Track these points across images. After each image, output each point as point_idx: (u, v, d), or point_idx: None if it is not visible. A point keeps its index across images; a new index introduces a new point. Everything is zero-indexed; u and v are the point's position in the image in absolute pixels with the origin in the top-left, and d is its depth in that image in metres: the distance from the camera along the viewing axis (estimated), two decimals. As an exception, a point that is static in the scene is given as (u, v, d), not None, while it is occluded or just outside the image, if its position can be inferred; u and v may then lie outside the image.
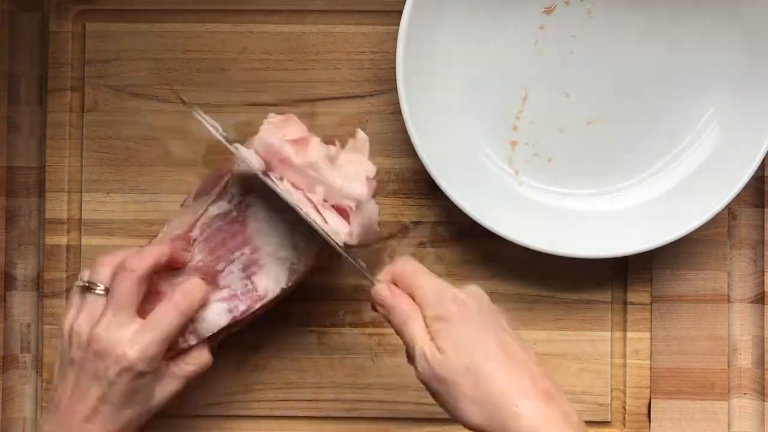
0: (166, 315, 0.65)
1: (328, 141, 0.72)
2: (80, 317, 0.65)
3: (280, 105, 0.78)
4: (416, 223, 0.78)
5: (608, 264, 0.78)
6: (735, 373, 0.78)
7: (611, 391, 0.78)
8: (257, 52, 0.78)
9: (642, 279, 0.78)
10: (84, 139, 0.78)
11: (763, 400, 0.78)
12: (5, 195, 0.79)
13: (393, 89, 0.72)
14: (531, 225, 0.74)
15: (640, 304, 0.78)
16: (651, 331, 0.78)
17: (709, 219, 0.72)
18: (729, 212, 0.78)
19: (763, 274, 0.78)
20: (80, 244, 0.78)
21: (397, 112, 0.73)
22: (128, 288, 0.65)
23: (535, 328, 0.78)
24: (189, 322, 0.67)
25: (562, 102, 0.76)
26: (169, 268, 0.68)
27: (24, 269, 0.79)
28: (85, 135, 0.79)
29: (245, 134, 0.78)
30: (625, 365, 0.78)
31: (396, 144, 0.78)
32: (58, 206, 0.78)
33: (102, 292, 0.66)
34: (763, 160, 0.73)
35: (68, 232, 0.78)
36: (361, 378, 0.78)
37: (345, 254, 0.67)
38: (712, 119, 0.76)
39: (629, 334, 0.78)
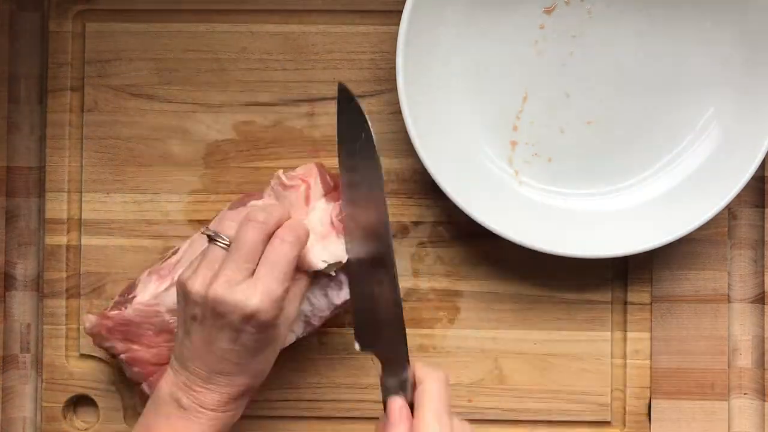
0: (277, 251, 0.64)
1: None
2: (199, 273, 0.64)
3: (280, 105, 0.78)
4: (416, 223, 0.78)
5: (608, 264, 0.78)
6: (735, 373, 0.78)
7: (611, 391, 0.78)
8: (257, 52, 0.78)
9: (642, 279, 0.78)
10: (84, 139, 0.78)
11: (763, 400, 0.78)
12: (5, 195, 0.79)
13: (393, 89, 0.72)
14: (531, 225, 0.74)
15: (640, 304, 0.78)
16: (651, 331, 0.78)
17: (709, 219, 0.72)
18: (729, 212, 0.78)
19: (763, 274, 0.78)
20: (80, 244, 0.78)
21: (397, 112, 0.73)
22: (256, 239, 0.63)
23: (535, 328, 0.78)
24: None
25: (562, 102, 0.76)
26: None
27: (24, 269, 0.79)
28: (85, 135, 0.79)
29: (244, 133, 0.78)
30: (625, 365, 0.78)
31: (396, 144, 0.78)
32: (58, 206, 0.78)
33: (225, 246, 0.65)
34: (763, 160, 0.73)
35: (68, 232, 0.78)
36: (361, 378, 0.78)
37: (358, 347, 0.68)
38: (712, 119, 0.76)
39: (629, 334, 0.78)
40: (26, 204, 0.79)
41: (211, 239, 0.66)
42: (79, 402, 0.79)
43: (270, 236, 0.65)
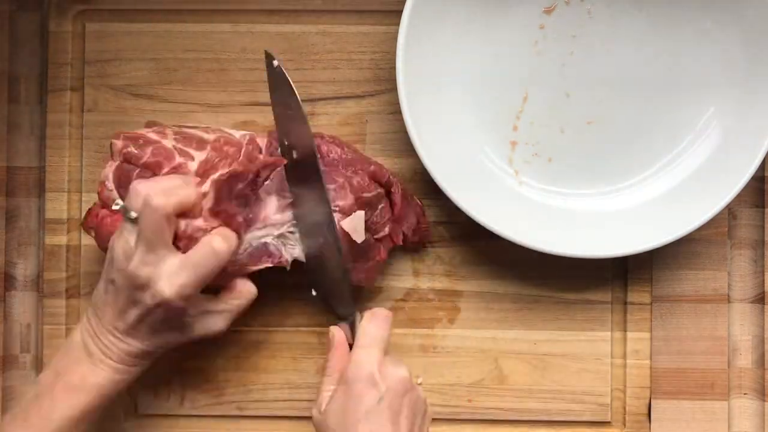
0: (204, 258, 0.66)
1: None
2: (120, 240, 0.66)
3: (280, 105, 0.78)
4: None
5: (608, 264, 0.78)
6: (735, 373, 0.78)
7: (611, 391, 0.78)
8: (257, 52, 0.78)
9: (642, 279, 0.78)
10: (84, 139, 0.78)
11: (763, 400, 0.78)
12: (5, 195, 0.79)
13: (393, 89, 0.72)
14: (531, 225, 0.74)
15: (640, 304, 0.78)
16: (651, 331, 0.78)
17: (709, 219, 0.72)
18: (729, 212, 0.78)
19: (763, 274, 0.78)
20: (80, 244, 0.78)
21: (397, 112, 0.73)
22: (156, 226, 0.65)
23: (535, 328, 0.78)
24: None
25: (562, 102, 0.76)
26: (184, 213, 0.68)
27: (24, 269, 0.79)
28: (85, 135, 0.79)
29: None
30: (625, 365, 0.78)
31: (396, 144, 0.78)
32: (58, 206, 0.78)
33: (134, 220, 0.66)
34: (763, 160, 0.73)
35: (68, 232, 0.78)
36: (361, 378, 0.78)
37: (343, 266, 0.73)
38: (712, 119, 0.76)
39: (629, 334, 0.78)
40: (26, 204, 0.79)
41: (124, 214, 0.66)
42: (79, 402, 0.79)
43: (172, 214, 0.66)
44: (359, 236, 0.72)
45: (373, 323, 0.72)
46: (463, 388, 0.78)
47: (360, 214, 0.72)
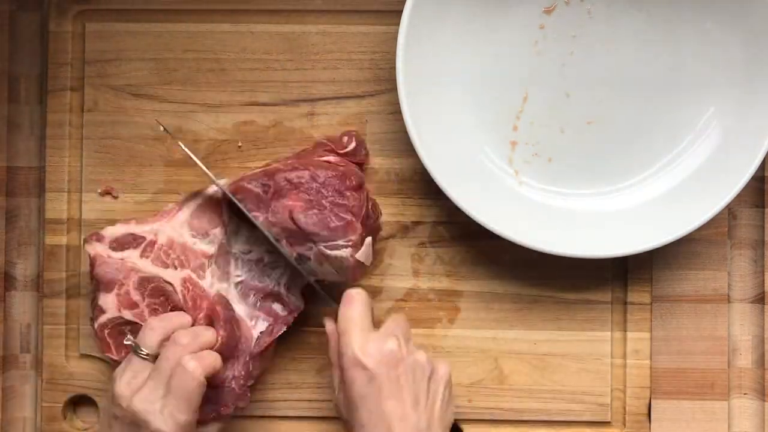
0: (182, 381, 0.66)
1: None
2: (124, 377, 0.67)
3: (280, 105, 0.78)
4: (416, 223, 0.78)
5: (608, 264, 0.78)
6: (735, 373, 0.78)
7: (611, 391, 0.78)
8: (257, 52, 0.78)
9: (642, 279, 0.78)
10: (84, 139, 0.78)
11: (763, 400, 0.78)
12: (5, 195, 0.79)
13: (393, 89, 0.72)
14: (531, 225, 0.74)
15: (640, 304, 0.78)
16: (651, 331, 0.78)
17: (709, 219, 0.72)
18: (729, 212, 0.78)
19: (763, 274, 0.78)
20: (80, 244, 0.78)
21: (397, 112, 0.73)
22: (190, 390, 0.66)
23: (535, 328, 0.78)
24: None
25: (562, 102, 0.76)
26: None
27: (24, 269, 0.79)
28: (85, 135, 0.79)
29: (244, 133, 0.78)
30: (625, 365, 0.78)
31: (396, 144, 0.78)
32: (58, 206, 0.78)
33: (146, 357, 0.68)
34: (763, 160, 0.73)
35: (68, 232, 0.78)
36: (361, 378, 0.78)
37: (312, 281, 0.73)
38: (712, 119, 0.76)
39: (629, 334, 0.78)
40: (26, 204, 0.79)
41: (134, 350, 0.68)
42: (79, 402, 0.79)
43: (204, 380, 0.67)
44: (369, 259, 0.73)
45: (346, 306, 0.70)
46: (463, 388, 0.78)
47: (369, 241, 0.73)
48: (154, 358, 0.68)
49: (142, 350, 0.68)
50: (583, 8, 0.75)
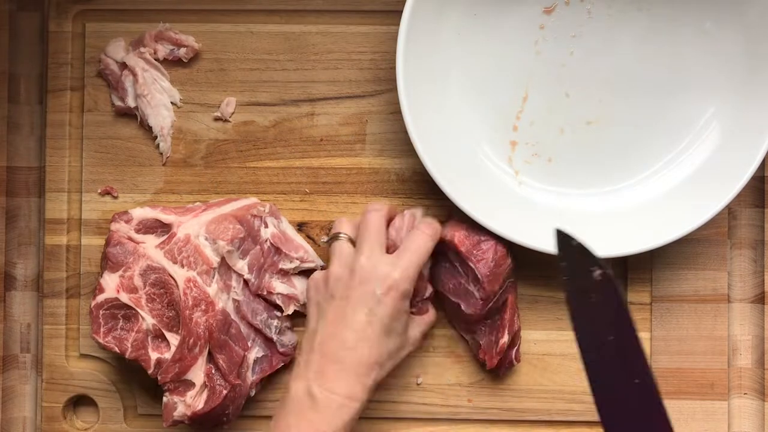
0: (419, 240, 0.71)
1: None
2: (334, 261, 0.71)
3: (280, 105, 0.78)
4: (416, 223, 0.78)
5: (608, 264, 0.77)
6: (735, 373, 0.78)
7: (611, 391, 0.78)
8: (257, 52, 0.78)
9: (642, 279, 0.78)
10: (84, 139, 0.78)
11: (763, 400, 0.78)
12: (5, 195, 0.79)
13: (393, 89, 0.72)
14: (531, 225, 0.74)
15: (640, 304, 0.78)
16: (651, 331, 0.78)
17: (709, 219, 0.72)
18: (729, 212, 0.78)
19: (763, 274, 0.78)
20: (80, 244, 0.78)
21: (397, 112, 0.73)
22: (378, 223, 0.72)
23: (535, 328, 0.78)
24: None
25: (562, 102, 0.76)
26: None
27: (24, 269, 0.79)
28: (85, 135, 0.79)
29: (244, 133, 0.78)
30: (625, 365, 0.78)
31: (396, 144, 0.78)
32: (58, 206, 0.78)
33: (345, 237, 0.72)
34: (763, 160, 0.73)
35: (68, 232, 0.78)
36: (361, 378, 0.78)
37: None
38: (712, 119, 0.76)
39: (629, 334, 0.78)
40: (26, 204, 0.79)
41: (335, 238, 0.72)
42: (79, 402, 0.79)
43: (388, 220, 0.73)
44: None
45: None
46: (463, 388, 0.78)
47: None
48: (352, 240, 0.72)
49: (341, 234, 0.72)
50: (583, 8, 0.75)
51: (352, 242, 0.72)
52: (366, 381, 0.68)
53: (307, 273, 0.77)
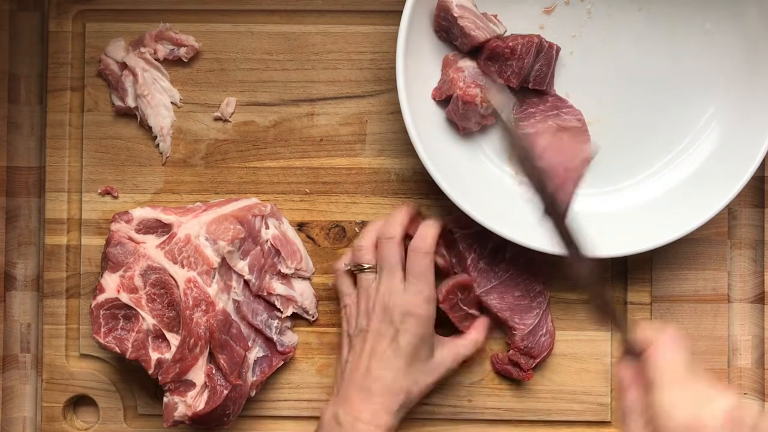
0: (419, 262, 0.72)
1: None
2: (360, 297, 0.73)
3: (280, 105, 0.78)
4: (416, 223, 0.78)
5: (608, 264, 0.78)
6: (735, 373, 0.78)
7: (611, 391, 0.78)
8: (257, 52, 0.78)
9: (642, 279, 0.78)
10: (84, 139, 0.78)
11: (763, 400, 0.78)
12: (5, 195, 0.79)
13: (393, 89, 0.72)
14: (531, 225, 0.74)
15: (640, 304, 0.78)
16: (651, 331, 0.78)
17: (709, 219, 0.72)
18: (729, 212, 0.78)
19: (763, 274, 0.78)
20: (80, 244, 0.78)
21: (397, 112, 0.73)
22: (392, 253, 0.72)
23: (535, 328, 0.78)
24: None
25: (562, 102, 0.76)
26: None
27: (24, 269, 0.79)
28: (85, 135, 0.79)
29: (244, 133, 0.78)
30: (625, 365, 0.78)
31: (396, 144, 0.78)
32: (58, 206, 0.78)
33: (371, 269, 0.73)
34: (763, 160, 0.73)
35: (68, 232, 0.78)
36: (361, 378, 0.78)
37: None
38: (712, 119, 0.76)
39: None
40: (26, 204, 0.79)
41: (359, 270, 0.74)
42: (79, 402, 0.79)
43: (402, 240, 0.73)
44: None
45: (666, 344, 0.60)
46: (463, 388, 0.78)
47: None
48: (375, 268, 0.73)
49: (364, 266, 0.73)
50: (583, 8, 0.75)
51: (374, 269, 0.74)
52: (391, 408, 0.70)
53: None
